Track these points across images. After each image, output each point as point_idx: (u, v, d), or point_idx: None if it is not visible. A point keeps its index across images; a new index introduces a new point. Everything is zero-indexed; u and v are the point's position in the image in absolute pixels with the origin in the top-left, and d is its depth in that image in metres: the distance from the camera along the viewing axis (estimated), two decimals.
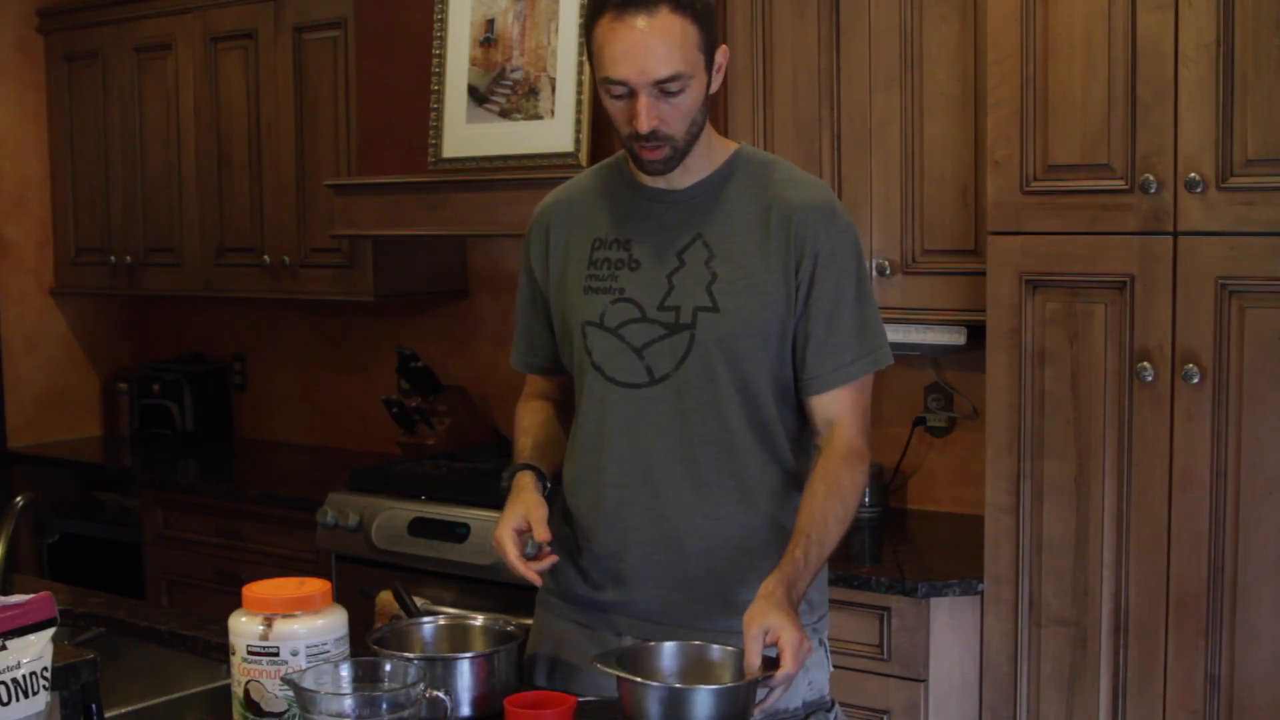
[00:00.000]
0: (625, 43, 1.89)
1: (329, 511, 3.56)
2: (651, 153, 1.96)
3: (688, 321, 2.00)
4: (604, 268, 2.06)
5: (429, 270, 4.11)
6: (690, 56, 1.91)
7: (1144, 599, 2.61)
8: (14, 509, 2.29)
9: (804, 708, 2.07)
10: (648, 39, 1.88)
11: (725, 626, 2.03)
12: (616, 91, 1.93)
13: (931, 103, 3.02)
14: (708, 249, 2.02)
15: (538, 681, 2.16)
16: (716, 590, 2.04)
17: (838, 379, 2.02)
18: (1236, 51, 2.46)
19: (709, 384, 1.99)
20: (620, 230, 2.07)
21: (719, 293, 2.00)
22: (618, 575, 2.08)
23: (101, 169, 4.64)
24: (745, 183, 2.06)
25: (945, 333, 3.07)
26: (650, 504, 2.04)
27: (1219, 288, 2.50)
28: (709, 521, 2.03)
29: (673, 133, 1.95)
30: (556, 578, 2.16)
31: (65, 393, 4.89)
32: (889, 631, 2.81)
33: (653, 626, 2.06)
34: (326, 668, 1.72)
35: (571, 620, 2.14)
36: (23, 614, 1.58)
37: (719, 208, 2.04)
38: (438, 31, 3.58)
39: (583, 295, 2.07)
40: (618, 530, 2.07)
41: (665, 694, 1.70)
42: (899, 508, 3.44)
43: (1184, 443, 2.55)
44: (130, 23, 4.50)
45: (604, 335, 2.04)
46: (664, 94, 1.91)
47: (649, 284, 2.03)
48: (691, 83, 1.92)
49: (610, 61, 1.91)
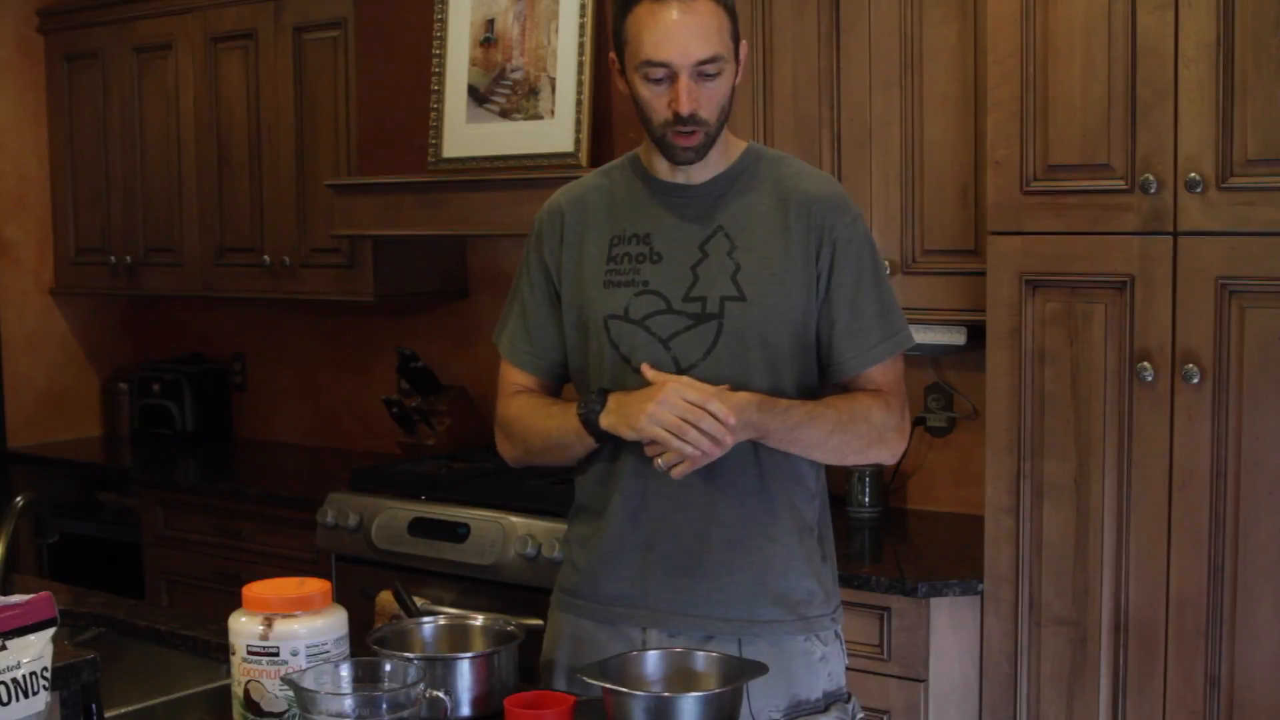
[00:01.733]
0: (666, 26, 1.96)
1: (329, 511, 3.56)
2: (687, 139, 2.01)
3: (715, 311, 2.03)
4: (624, 262, 2.09)
5: (429, 270, 4.11)
6: (725, 41, 1.99)
7: (1144, 599, 2.61)
8: (14, 509, 2.29)
9: (824, 698, 2.09)
10: (688, 21, 1.95)
11: (753, 617, 2.05)
12: (656, 75, 1.98)
13: (931, 103, 3.02)
14: (729, 240, 2.05)
15: (557, 686, 2.14)
16: (740, 580, 2.05)
17: (866, 361, 2.07)
18: (1236, 51, 2.46)
19: (735, 373, 2.01)
20: (639, 225, 2.10)
21: (744, 282, 2.03)
22: (643, 568, 2.08)
23: (101, 169, 4.64)
24: (760, 176, 2.10)
25: (945, 333, 3.07)
26: (673, 494, 2.05)
27: (1219, 288, 2.50)
28: (732, 510, 2.04)
29: (707, 117, 2.00)
30: (576, 576, 2.15)
31: (65, 393, 4.89)
32: (889, 631, 2.81)
33: (678, 619, 2.06)
34: (326, 668, 1.72)
35: (592, 618, 2.12)
36: (23, 614, 1.58)
37: (737, 200, 2.08)
38: (438, 31, 3.58)
39: (603, 290, 2.08)
40: (642, 521, 2.07)
41: (651, 703, 1.69)
42: (899, 508, 3.44)
43: (1184, 443, 2.55)
44: (130, 23, 4.50)
45: (629, 328, 2.05)
46: (702, 77, 1.97)
47: (673, 276, 2.06)
48: (726, 68, 2.00)
49: (652, 45, 1.96)
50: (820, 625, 2.10)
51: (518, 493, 3.36)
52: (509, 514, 3.30)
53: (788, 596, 2.06)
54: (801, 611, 2.07)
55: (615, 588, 2.10)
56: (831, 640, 2.12)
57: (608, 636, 2.09)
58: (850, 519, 3.33)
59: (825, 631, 2.10)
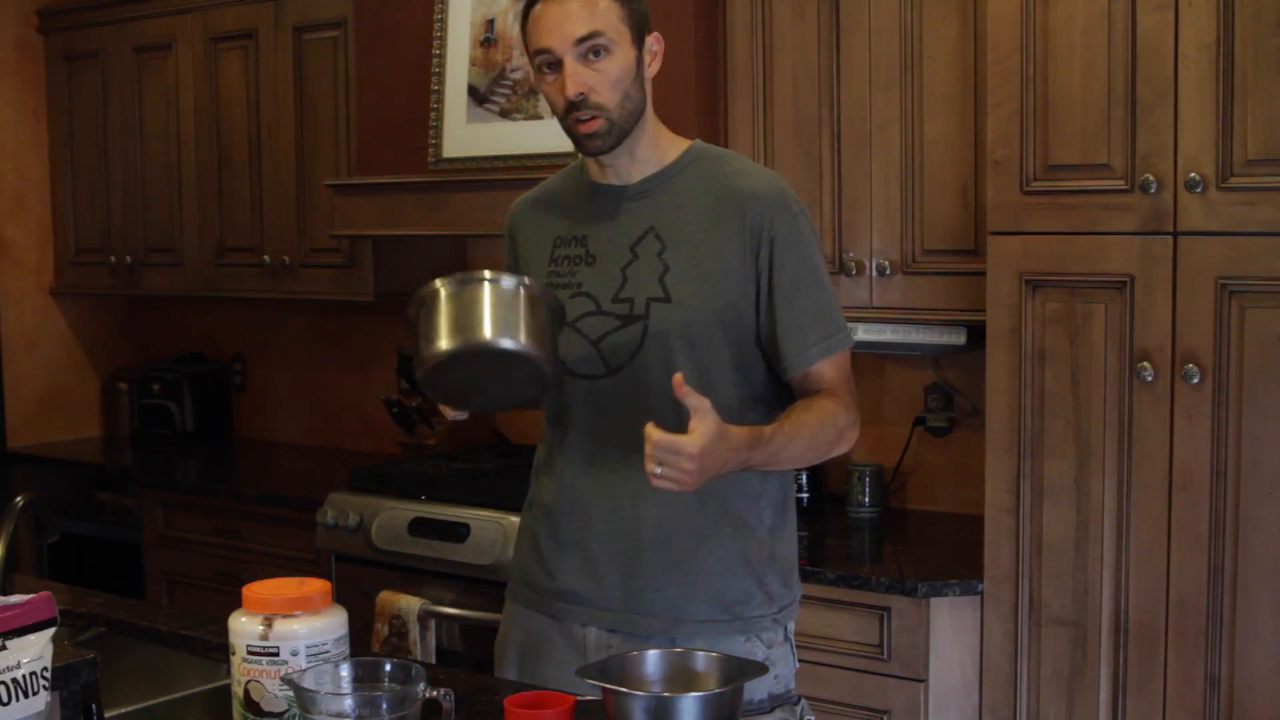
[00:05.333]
0: (547, 15, 2.00)
1: (329, 511, 3.56)
2: (586, 125, 2.01)
3: (641, 312, 2.04)
4: (564, 264, 2.12)
5: (429, 270, 4.07)
6: (610, 23, 1.99)
7: (1144, 599, 2.61)
8: (14, 509, 2.29)
9: (769, 700, 2.07)
10: (566, 6, 1.99)
11: (685, 616, 2.05)
12: (544, 62, 2.01)
13: (931, 103, 3.02)
14: (660, 241, 2.06)
15: (507, 671, 2.18)
16: (673, 580, 2.06)
17: (804, 361, 2.05)
18: (1236, 51, 2.46)
19: (664, 373, 1.99)
20: (577, 227, 2.13)
21: (671, 283, 2.03)
22: (580, 565, 2.10)
23: (101, 169, 4.64)
24: (697, 175, 2.09)
25: (945, 333, 3.07)
26: (609, 493, 2.07)
27: (1219, 288, 2.50)
28: (664, 510, 2.04)
29: (603, 102, 2.00)
30: (523, 567, 2.19)
31: (65, 393, 4.89)
32: (889, 631, 2.81)
33: (615, 616, 2.07)
34: (326, 668, 1.72)
35: (539, 611, 2.16)
36: (23, 614, 1.57)
37: (671, 200, 2.08)
38: (438, 31, 3.58)
39: None
40: (579, 519, 2.10)
41: (651, 703, 1.69)
42: (899, 508, 3.44)
43: (1184, 443, 2.55)
44: (130, 23, 4.50)
45: (565, 330, 2.07)
46: (587, 59, 1.99)
47: (604, 277, 2.07)
48: (616, 49, 2.00)
49: (534, 35, 2.02)
50: (760, 626, 2.08)
51: (518, 493, 3.31)
52: (509, 514, 3.30)
53: (722, 596, 2.06)
54: (737, 612, 2.07)
55: (557, 585, 2.12)
56: (778, 643, 2.10)
57: (552, 630, 2.13)
58: (850, 519, 3.33)
59: (768, 633, 2.09)
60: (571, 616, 2.11)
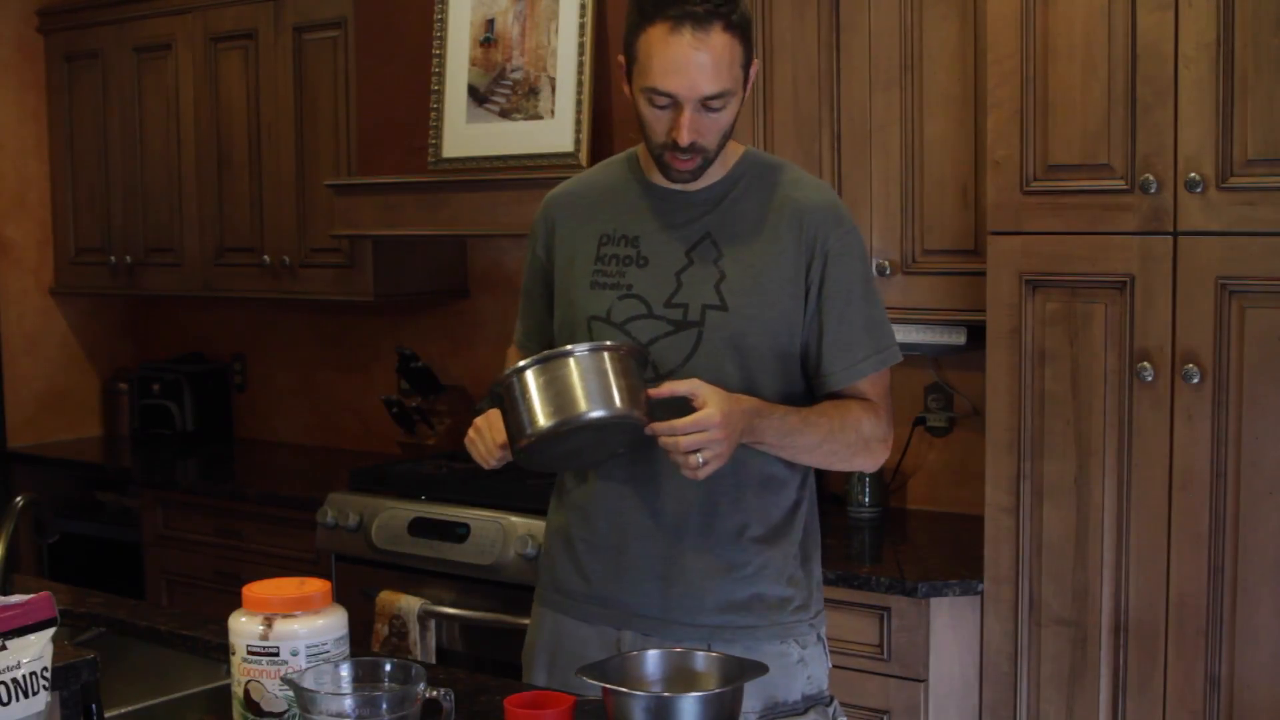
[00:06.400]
0: (677, 57, 1.91)
1: (329, 511, 3.56)
2: (684, 164, 1.99)
3: (696, 319, 2.02)
4: (612, 264, 2.08)
5: (429, 270, 4.11)
6: (735, 74, 1.95)
7: (1144, 599, 2.61)
8: (14, 509, 2.29)
9: (803, 701, 2.08)
10: (700, 56, 1.90)
11: (721, 621, 2.05)
12: (661, 102, 1.95)
13: (931, 103, 3.02)
14: (716, 248, 2.04)
15: (536, 677, 2.16)
16: (711, 586, 2.05)
17: (851, 375, 2.05)
18: (1236, 52, 2.46)
19: (711, 381, 1.99)
20: (628, 227, 2.09)
21: (727, 291, 2.02)
22: (616, 569, 2.09)
23: (101, 169, 4.64)
24: (754, 184, 2.08)
25: (945, 333, 3.07)
26: (648, 498, 2.05)
27: (1219, 288, 2.50)
28: (704, 517, 2.04)
29: (707, 145, 1.98)
30: (555, 571, 2.16)
31: (65, 393, 4.89)
32: (889, 631, 2.81)
33: (652, 621, 2.06)
34: (326, 668, 1.72)
35: (571, 615, 2.14)
36: (23, 614, 1.57)
37: (728, 208, 2.06)
38: (438, 31, 3.58)
39: (589, 290, 2.08)
40: (616, 524, 2.08)
41: (651, 703, 1.69)
42: (899, 508, 3.44)
43: (1184, 443, 2.55)
44: (130, 23, 4.50)
45: (610, 330, 2.05)
46: (707, 109, 1.94)
47: (657, 281, 2.05)
48: (732, 100, 1.96)
49: (660, 73, 1.93)
50: (797, 630, 2.10)
51: (518, 493, 3.36)
52: (509, 514, 3.30)
53: (761, 602, 2.07)
54: (774, 617, 2.08)
55: (591, 588, 2.11)
56: (811, 643, 2.12)
57: (586, 634, 2.11)
58: (850, 519, 3.33)
59: (803, 635, 2.11)
60: (606, 620, 2.10)
